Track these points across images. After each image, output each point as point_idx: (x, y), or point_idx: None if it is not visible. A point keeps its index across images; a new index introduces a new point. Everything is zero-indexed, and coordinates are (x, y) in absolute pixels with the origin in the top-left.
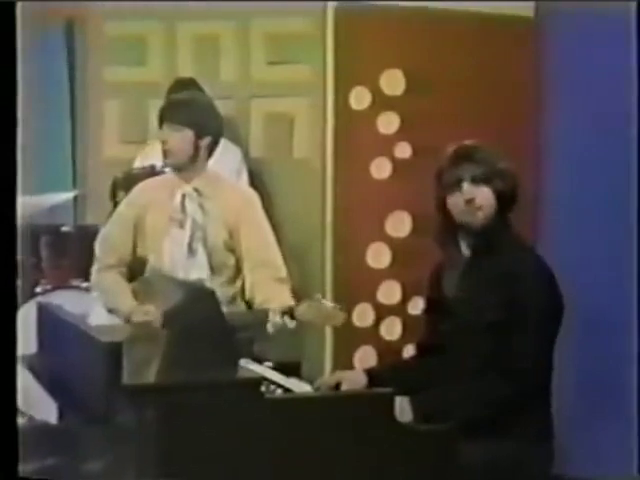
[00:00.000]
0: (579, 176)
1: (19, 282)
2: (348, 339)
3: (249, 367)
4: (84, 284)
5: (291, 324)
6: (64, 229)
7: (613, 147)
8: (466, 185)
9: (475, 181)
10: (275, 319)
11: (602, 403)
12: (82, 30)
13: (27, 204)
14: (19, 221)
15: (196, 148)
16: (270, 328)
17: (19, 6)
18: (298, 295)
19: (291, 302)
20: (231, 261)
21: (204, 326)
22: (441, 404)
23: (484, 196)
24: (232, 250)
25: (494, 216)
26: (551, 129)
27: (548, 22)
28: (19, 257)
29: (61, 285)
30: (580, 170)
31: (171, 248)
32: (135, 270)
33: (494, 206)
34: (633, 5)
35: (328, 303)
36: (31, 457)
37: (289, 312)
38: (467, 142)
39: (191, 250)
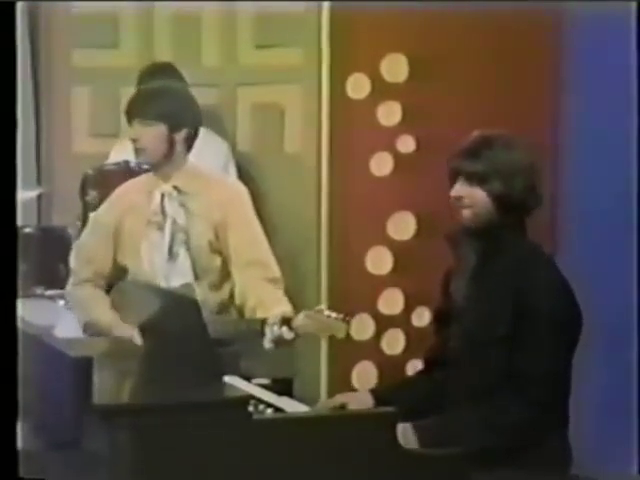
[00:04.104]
0: (600, 178)
1: None
2: (346, 354)
3: (235, 384)
4: (48, 292)
5: (289, 335)
6: (27, 231)
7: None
8: (459, 183)
9: (470, 180)
10: (273, 329)
11: (602, 403)
12: (46, 7)
13: None
14: None
15: (171, 143)
16: (267, 343)
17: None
18: (291, 304)
19: (289, 308)
20: (217, 263)
21: (185, 339)
22: (448, 433)
23: (476, 197)
24: (218, 251)
25: (492, 219)
26: (570, 124)
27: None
28: None
29: (23, 294)
30: (601, 171)
31: (150, 253)
32: (115, 281)
33: (489, 209)
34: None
35: (330, 313)
36: None
37: (287, 322)
38: (493, 132)
39: (172, 254)
